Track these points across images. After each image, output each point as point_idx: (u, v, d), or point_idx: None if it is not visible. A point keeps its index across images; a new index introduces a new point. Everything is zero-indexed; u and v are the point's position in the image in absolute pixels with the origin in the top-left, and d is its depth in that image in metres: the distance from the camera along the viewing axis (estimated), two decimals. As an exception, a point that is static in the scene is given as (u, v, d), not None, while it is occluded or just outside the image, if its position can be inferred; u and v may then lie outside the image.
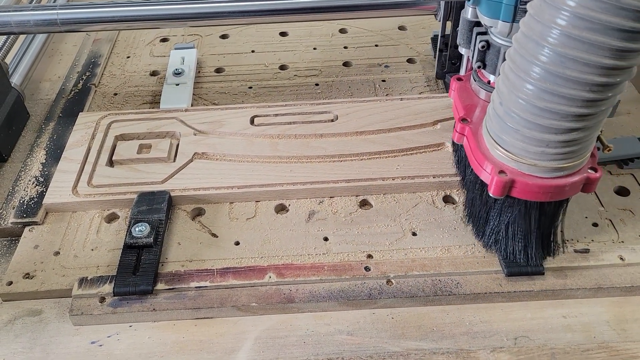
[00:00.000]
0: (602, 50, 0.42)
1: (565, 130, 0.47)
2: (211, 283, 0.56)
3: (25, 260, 0.60)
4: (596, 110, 0.46)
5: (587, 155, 0.51)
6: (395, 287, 0.56)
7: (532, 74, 0.45)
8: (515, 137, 0.49)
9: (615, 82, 0.44)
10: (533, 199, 0.51)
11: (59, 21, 0.68)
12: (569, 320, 0.54)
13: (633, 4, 0.40)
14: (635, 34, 0.41)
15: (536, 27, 0.44)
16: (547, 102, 0.45)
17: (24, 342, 0.54)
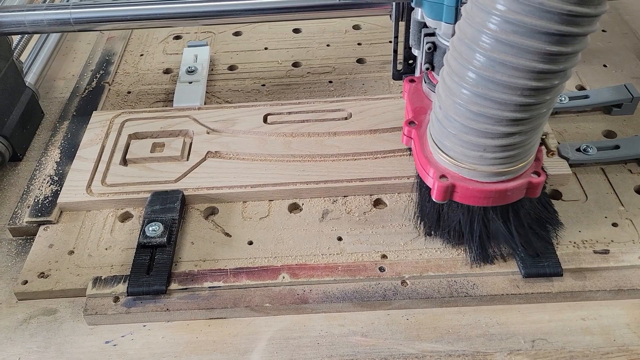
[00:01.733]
0: (531, 54, 0.41)
1: (501, 134, 0.46)
2: (224, 283, 0.56)
3: (40, 259, 0.60)
4: (531, 114, 0.45)
5: (530, 159, 0.51)
6: (410, 288, 0.55)
7: (466, 79, 0.45)
8: (454, 141, 0.49)
9: (548, 86, 0.44)
10: (475, 203, 0.51)
11: (72, 20, 0.68)
12: (588, 322, 0.53)
13: (557, 7, 0.39)
14: (562, 37, 0.41)
15: (468, 31, 0.44)
16: (482, 107, 0.45)
17: (39, 341, 0.54)
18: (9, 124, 0.72)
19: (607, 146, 0.66)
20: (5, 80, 0.73)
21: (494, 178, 0.49)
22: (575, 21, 0.40)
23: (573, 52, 0.43)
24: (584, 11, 0.40)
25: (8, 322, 0.56)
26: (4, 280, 0.60)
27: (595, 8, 0.41)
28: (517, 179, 0.50)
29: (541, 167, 0.52)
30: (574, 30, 0.41)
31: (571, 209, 0.62)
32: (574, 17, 0.40)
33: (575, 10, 0.40)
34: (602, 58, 0.83)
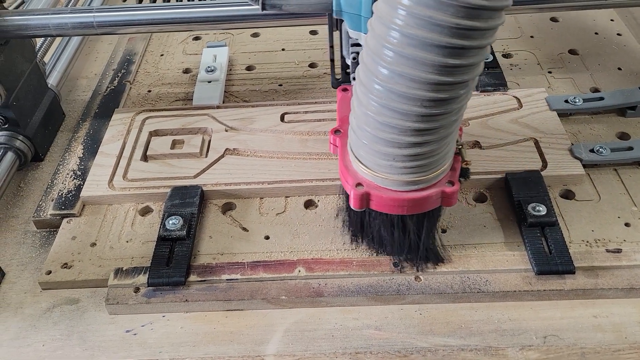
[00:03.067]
0: (427, 66, 0.42)
1: (408, 144, 0.47)
2: (242, 276, 0.57)
3: (64, 250, 0.62)
4: (435, 125, 0.46)
5: (444, 167, 0.51)
6: (424, 283, 0.56)
7: (372, 90, 0.45)
8: (367, 150, 0.49)
9: (448, 97, 0.44)
10: (390, 212, 0.52)
11: (95, 24, 0.70)
12: (600, 320, 0.54)
13: (446, 21, 0.40)
14: (455, 50, 0.42)
15: (372, 44, 0.44)
16: (387, 117, 0.45)
17: (62, 329, 0.56)
18: (32, 125, 0.74)
19: (620, 147, 0.67)
20: (29, 82, 0.74)
21: (407, 187, 0.50)
22: (466, 34, 0.41)
23: (470, 64, 0.43)
24: (473, 25, 0.41)
25: (32, 310, 0.58)
26: (28, 271, 0.62)
27: (485, 22, 0.41)
28: (430, 188, 0.51)
29: (457, 177, 0.52)
30: (465, 43, 0.41)
31: (584, 209, 0.62)
32: (464, 31, 0.41)
33: (463, 24, 0.40)
34: (617, 61, 0.83)
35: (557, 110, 0.72)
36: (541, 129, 0.69)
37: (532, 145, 0.68)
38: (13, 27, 0.70)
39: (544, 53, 0.86)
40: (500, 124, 0.71)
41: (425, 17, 0.40)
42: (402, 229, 0.54)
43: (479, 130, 0.70)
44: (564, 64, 0.83)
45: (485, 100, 0.74)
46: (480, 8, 0.40)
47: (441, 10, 0.40)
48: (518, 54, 0.86)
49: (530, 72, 0.82)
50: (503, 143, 0.68)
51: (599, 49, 0.86)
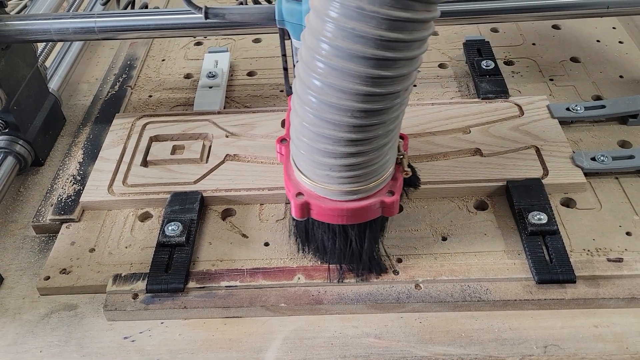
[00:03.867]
0: (353, 77, 0.42)
1: (342, 154, 0.46)
2: (241, 283, 0.57)
3: (62, 256, 0.61)
4: (368, 135, 0.46)
5: (385, 177, 0.51)
6: (424, 291, 0.56)
7: (307, 101, 0.45)
8: (305, 160, 0.49)
9: (378, 108, 0.44)
10: (330, 221, 0.52)
11: (97, 29, 0.70)
12: (601, 330, 0.53)
13: (369, 32, 0.40)
14: (380, 62, 0.42)
15: (305, 55, 0.45)
16: (321, 128, 0.45)
17: (60, 335, 0.56)
18: (32, 129, 0.74)
19: (622, 156, 0.66)
20: (30, 87, 0.74)
21: (346, 196, 0.50)
22: (390, 46, 0.41)
23: (398, 76, 0.43)
24: (397, 37, 0.41)
25: (30, 316, 0.58)
26: (27, 276, 0.62)
27: (410, 34, 0.41)
28: (370, 198, 0.50)
29: (399, 187, 0.52)
30: (390, 54, 0.42)
31: (585, 217, 0.62)
32: (389, 42, 0.41)
33: (387, 36, 0.40)
34: (619, 69, 0.83)
35: (558, 118, 0.72)
36: (542, 137, 0.69)
37: (533, 153, 0.67)
38: (14, 32, 0.70)
39: (545, 60, 0.86)
40: (501, 131, 0.70)
41: (350, 29, 0.41)
42: (344, 238, 0.54)
43: (480, 138, 0.69)
44: (566, 72, 0.83)
45: (487, 107, 0.74)
46: (403, 20, 0.41)
47: (364, 22, 0.40)
48: (520, 61, 0.86)
49: (532, 80, 0.82)
50: (504, 151, 0.68)
51: (600, 56, 0.86)
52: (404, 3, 0.40)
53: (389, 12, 0.40)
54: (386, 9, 0.40)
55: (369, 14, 0.40)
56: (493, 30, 0.93)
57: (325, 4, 0.41)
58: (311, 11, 0.44)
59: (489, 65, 0.81)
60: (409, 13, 0.40)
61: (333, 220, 0.52)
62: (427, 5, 0.42)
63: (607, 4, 0.68)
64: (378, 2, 0.40)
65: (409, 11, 0.40)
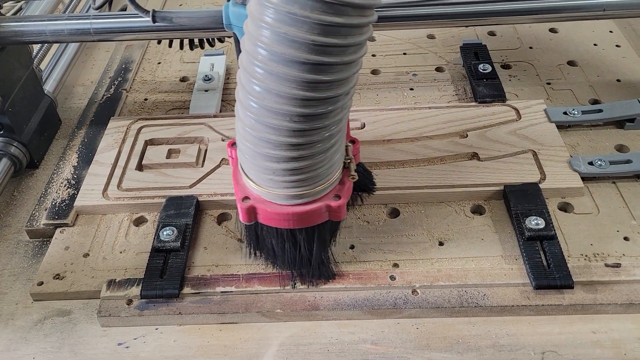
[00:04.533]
0: (290, 82, 0.42)
1: (285, 159, 0.46)
2: (237, 288, 0.57)
3: (56, 261, 0.61)
4: (309, 139, 0.46)
5: (331, 181, 0.51)
6: (421, 297, 0.55)
7: (247, 105, 0.45)
8: (250, 164, 0.49)
9: (317, 113, 0.44)
10: (276, 225, 0.52)
11: (92, 30, 0.70)
12: (599, 336, 0.53)
13: (303, 37, 0.40)
14: (316, 66, 0.42)
15: (244, 60, 0.45)
16: (262, 132, 0.45)
17: (53, 342, 0.55)
18: (27, 131, 0.74)
19: (619, 160, 0.66)
20: (25, 88, 0.74)
21: (291, 200, 0.50)
22: (324, 51, 0.41)
23: (335, 80, 0.43)
24: (330, 41, 0.41)
25: (23, 322, 0.57)
26: (20, 281, 0.61)
27: (344, 38, 0.42)
28: (316, 202, 0.50)
29: (346, 191, 0.52)
30: (325, 59, 0.42)
31: (583, 222, 0.62)
32: (322, 47, 0.41)
33: (320, 41, 0.41)
34: (616, 73, 0.83)
35: (555, 122, 0.72)
36: (540, 141, 0.69)
37: (530, 157, 0.67)
38: (10, 34, 0.69)
39: (542, 64, 0.85)
40: (498, 135, 0.70)
41: (283, 33, 0.41)
42: (293, 243, 0.54)
43: (477, 142, 0.69)
44: (563, 75, 0.83)
45: (484, 111, 0.74)
46: (336, 25, 0.41)
47: (297, 27, 0.40)
48: (517, 64, 0.86)
49: (529, 83, 0.82)
50: (501, 155, 0.68)
51: (597, 60, 0.86)
52: (336, 8, 0.40)
53: (321, 17, 0.40)
54: (317, 14, 0.40)
55: (300, 18, 0.40)
56: (490, 33, 0.93)
57: (260, 10, 0.42)
58: (248, 17, 0.44)
59: (486, 69, 0.81)
60: (342, 18, 0.41)
61: (279, 225, 0.52)
62: (361, 10, 0.42)
63: (603, 7, 0.68)
64: (309, 6, 0.40)
65: (341, 16, 0.41)
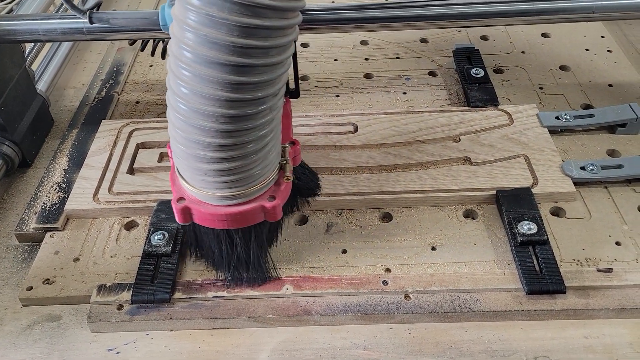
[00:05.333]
0: (214, 84, 0.43)
1: (215, 160, 0.47)
2: (228, 293, 0.56)
3: (46, 265, 0.60)
4: (238, 140, 0.46)
5: (266, 182, 0.51)
6: (413, 302, 0.55)
7: (176, 107, 0.46)
8: (183, 165, 0.50)
9: (244, 114, 0.45)
10: (211, 226, 0.52)
11: (85, 30, 0.69)
12: (591, 341, 0.53)
13: (223, 39, 0.41)
14: (238, 67, 0.42)
15: (171, 62, 0.45)
16: (190, 134, 0.46)
17: (42, 347, 0.54)
18: (20, 130, 0.73)
19: (611, 165, 0.66)
20: (18, 87, 0.74)
21: (225, 201, 0.50)
22: (245, 52, 0.42)
23: (259, 82, 0.44)
24: (250, 43, 0.42)
25: (12, 327, 0.56)
26: (9, 286, 0.60)
27: (265, 40, 0.42)
28: (250, 203, 0.51)
29: (282, 192, 0.52)
30: (246, 61, 0.42)
31: (575, 227, 0.62)
32: (243, 49, 0.42)
33: (240, 42, 0.41)
34: (608, 78, 0.83)
35: (548, 127, 0.72)
36: (532, 146, 0.69)
37: (523, 161, 0.67)
38: (2, 32, 0.69)
39: (535, 69, 0.86)
40: (491, 140, 0.70)
41: (203, 35, 0.41)
42: (229, 244, 0.54)
43: (469, 146, 0.69)
44: (555, 80, 0.83)
45: (476, 115, 0.74)
46: (255, 27, 0.41)
47: (216, 29, 0.41)
48: (509, 69, 0.86)
49: (522, 88, 0.82)
50: (494, 159, 0.68)
51: (589, 65, 0.86)
52: (254, 10, 0.41)
53: (239, 19, 0.41)
54: (236, 16, 0.40)
55: (219, 20, 0.41)
56: (483, 38, 0.93)
57: (183, 12, 0.42)
58: (173, 20, 0.44)
59: (479, 73, 0.81)
60: (261, 20, 0.41)
61: (214, 225, 0.52)
62: (281, 12, 0.42)
63: (593, 9, 0.68)
64: (227, 9, 0.40)
65: (260, 18, 0.41)
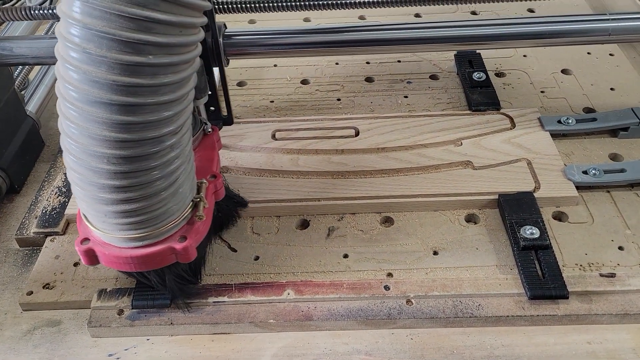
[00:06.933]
0: (99, 124, 0.41)
1: (112, 201, 0.44)
2: (229, 298, 0.56)
3: (46, 270, 0.60)
4: (135, 182, 0.44)
5: (175, 223, 0.49)
6: (415, 307, 0.55)
7: (68, 148, 0.44)
8: (83, 206, 0.47)
9: (138, 155, 0.43)
10: (118, 268, 0.50)
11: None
12: (594, 346, 0.53)
13: (104, 77, 0.39)
14: (123, 107, 0.40)
15: (60, 101, 0.43)
16: (84, 175, 0.44)
17: (42, 353, 0.54)
18: (7, 155, 0.69)
19: (613, 169, 0.66)
20: (6, 110, 0.70)
21: (130, 243, 0.48)
22: (131, 91, 0.40)
23: (149, 121, 0.42)
24: (135, 81, 0.40)
25: (12, 332, 0.56)
26: (9, 291, 0.60)
27: (151, 78, 0.40)
28: (158, 244, 0.48)
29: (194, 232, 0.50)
30: (132, 100, 0.40)
31: (577, 231, 0.61)
32: (127, 87, 0.40)
33: (121, 81, 0.39)
34: (610, 81, 0.83)
35: (550, 131, 0.72)
36: (534, 150, 0.69)
37: (525, 165, 0.67)
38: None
39: (537, 72, 0.85)
40: (493, 143, 0.70)
41: (83, 73, 0.39)
42: (144, 277, 0.53)
43: (471, 150, 0.69)
44: (557, 84, 0.83)
45: (478, 119, 0.74)
46: (137, 64, 0.39)
47: (96, 67, 0.39)
48: (511, 73, 0.86)
49: (523, 92, 0.82)
50: (496, 163, 0.67)
51: (591, 69, 0.86)
52: (135, 47, 0.39)
53: (118, 57, 0.38)
54: (115, 53, 0.38)
55: (98, 58, 0.39)
56: (484, 41, 0.93)
57: (64, 49, 0.40)
58: (57, 57, 0.42)
59: (481, 77, 0.81)
60: (143, 57, 0.39)
61: (121, 268, 0.50)
62: (167, 48, 0.40)
63: (609, 31, 0.67)
64: (105, 46, 0.38)
65: (142, 55, 0.39)
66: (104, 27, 0.38)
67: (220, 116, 0.64)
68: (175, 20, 0.40)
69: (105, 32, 0.38)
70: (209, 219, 0.53)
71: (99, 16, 0.38)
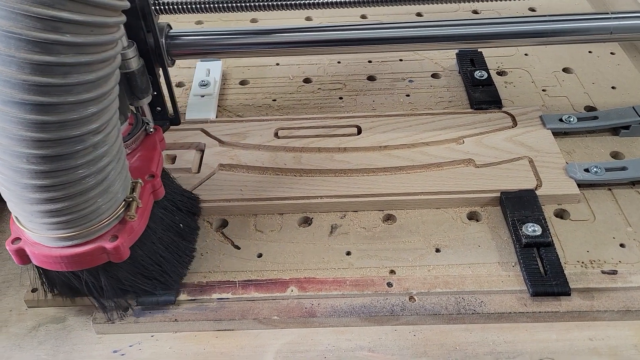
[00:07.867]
0: (14, 123, 0.40)
1: (36, 201, 0.44)
2: (233, 295, 0.56)
3: (51, 267, 0.60)
4: (57, 181, 0.43)
5: (106, 222, 0.48)
6: (418, 304, 0.55)
7: None
8: (10, 205, 0.47)
9: (57, 154, 0.42)
10: (49, 267, 0.50)
11: None
12: (596, 343, 0.53)
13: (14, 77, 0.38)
14: (37, 106, 0.39)
15: None
16: (6, 174, 0.43)
17: (47, 349, 0.54)
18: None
19: (615, 167, 0.66)
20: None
21: (60, 242, 0.47)
22: (43, 90, 0.39)
23: (65, 121, 0.41)
24: (47, 81, 0.39)
25: (17, 329, 0.56)
26: (14, 288, 0.60)
27: (64, 77, 0.39)
28: (88, 244, 0.48)
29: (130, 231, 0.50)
30: (45, 99, 0.39)
31: (579, 229, 0.62)
32: (39, 87, 0.39)
33: (32, 80, 0.38)
34: (611, 80, 0.83)
35: (551, 129, 0.72)
36: (536, 148, 0.69)
37: (526, 163, 0.67)
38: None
39: (538, 71, 0.86)
40: (494, 142, 0.70)
41: None
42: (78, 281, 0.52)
43: (473, 148, 0.69)
44: (558, 82, 0.83)
45: (480, 117, 0.74)
46: (47, 64, 0.38)
47: (6, 66, 0.38)
48: (512, 71, 0.86)
49: (525, 90, 0.82)
50: (498, 161, 0.68)
51: (592, 67, 0.86)
52: (44, 46, 0.38)
53: (27, 56, 0.38)
54: (23, 53, 0.38)
55: (7, 57, 0.38)
56: (486, 40, 0.93)
57: None
58: None
59: (482, 76, 0.81)
60: (54, 57, 0.38)
61: (52, 267, 0.49)
62: (78, 48, 0.40)
63: (610, 30, 0.68)
64: (13, 45, 0.37)
65: (53, 55, 0.38)
66: (10, 27, 0.37)
67: (167, 116, 0.64)
68: (84, 20, 0.39)
69: (11, 31, 0.37)
70: (144, 219, 0.52)
71: (4, 16, 0.37)
